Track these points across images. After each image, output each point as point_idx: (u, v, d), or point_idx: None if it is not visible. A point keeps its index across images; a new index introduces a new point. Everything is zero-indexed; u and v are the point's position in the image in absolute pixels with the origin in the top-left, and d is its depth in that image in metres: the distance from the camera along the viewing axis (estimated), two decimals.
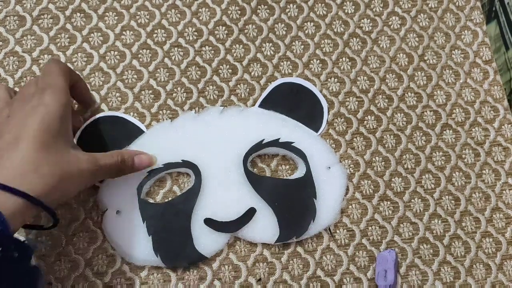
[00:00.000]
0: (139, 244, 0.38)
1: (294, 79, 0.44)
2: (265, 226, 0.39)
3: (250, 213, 0.39)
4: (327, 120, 0.43)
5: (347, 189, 0.42)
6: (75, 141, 0.39)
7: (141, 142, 0.40)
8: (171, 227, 0.38)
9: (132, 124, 0.41)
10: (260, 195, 0.39)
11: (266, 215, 0.39)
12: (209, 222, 0.38)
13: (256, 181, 0.39)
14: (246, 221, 0.39)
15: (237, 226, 0.39)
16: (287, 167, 0.42)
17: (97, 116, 0.41)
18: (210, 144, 0.40)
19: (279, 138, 0.41)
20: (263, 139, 0.40)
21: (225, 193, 0.39)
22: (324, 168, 0.41)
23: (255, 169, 0.41)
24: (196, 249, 0.38)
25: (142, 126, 0.41)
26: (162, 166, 0.39)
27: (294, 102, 0.43)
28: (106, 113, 0.42)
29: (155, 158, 0.39)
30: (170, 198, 0.40)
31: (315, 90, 0.44)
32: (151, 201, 0.40)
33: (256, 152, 0.40)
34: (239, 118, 0.41)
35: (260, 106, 0.43)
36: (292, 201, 0.40)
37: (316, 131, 0.43)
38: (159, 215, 0.39)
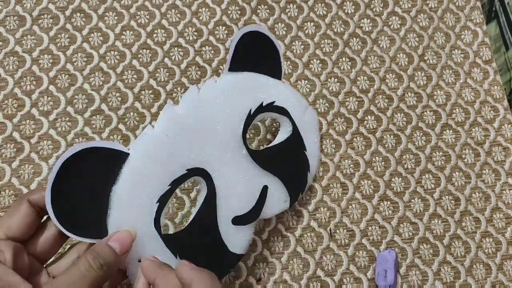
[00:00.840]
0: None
1: (251, 28, 0.39)
2: (278, 197, 0.38)
3: (264, 192, 0.37)
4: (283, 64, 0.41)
5: (347, 188, 0.42)
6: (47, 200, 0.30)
7: (131, 168, 0.31)
8: (202, 244, 0.35)
9: (107, 150, 0.31)
10: (266, 169, 0.37)
11: (275, 186, 0.38)
12: (236, 220, 0.36)
13: (259, 157, 0.37)
14: (263, 201, 0.37)
15: (259, 210, 0.36)
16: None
17: (59, 162, 0.30)
18: (204, 136, 0.35)
19: (262, 102, 0.38)
20: (250, 109, 0.37)
21: (238, 183, 0.36)
22: (301, 115, 0.40)
23: (252, 145, 0.41)
24: (233, 252, 0.36)
25: (120, 147, 0.32)
26: (169, 187, 0.33)
27: (256, 53, 0.40)
28: (69, 151, 0.31)
29: (132, 229, 0.30)
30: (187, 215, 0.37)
31: (269, 34, 0.40)
32: (172, 228, 0.39)
33: (249, 126, 0.38)
34: (217, 96, 0.36)
35: (230, 67, 0.38)
36: (291, 162, 0.39)
37: (279, 78, 0.40)
38: (186, 240, 0.34)
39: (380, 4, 0.48)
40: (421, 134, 0.44)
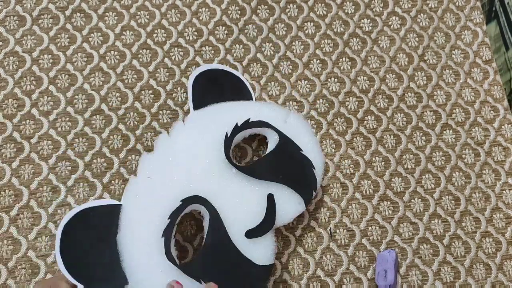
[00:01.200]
0: None
1: (204, 67, 0.42)
2: (289, 201, 0.38)
3: (271, 199, 0.38)
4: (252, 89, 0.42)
5: (347, 188, 0.42)
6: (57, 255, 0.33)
7: (127, 217, 0.35)
8: (225, 264, 0.35)
9: (101, 207, 0.35)
10: (264, 179, 0.38)
11: (282, 191, 0.38)
12: (250, 233, 0.36)
13: (252, 171, 0.38)
14: (274, 209, 0.37)
15: (271, 219, 0.37)
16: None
17: (60, 230, 0.33)
18: (187, 169, 0.37)
19: (236, 123, 0.39)
20: (226, 132, 0.38)
21: (239, 200, 0.37)
22: (283, 122, 0.40)
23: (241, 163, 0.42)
24: (260, 265, 0.36)
25: (112, 202, 0.35)
26: (169, 220, 0.35)
27: (217, 87, 0.41)
28: (65, 217, 0.33)
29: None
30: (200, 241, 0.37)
31: (222, 67, 0.43)
32: (191, 251, 0.39)
33: (230, 148, 0.39)
34: (189, 133, 0.39)
35: (195, 107, 0.40)
36: (289, 165, 0.39)
37: (251, 99, 0.42)
38: (205, 264, 0.35)
39: (380, 4, 0.48)
40: (421, 134, 0.44)
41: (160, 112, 0.43)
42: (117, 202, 0.35)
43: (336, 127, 0.44)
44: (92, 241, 0.34)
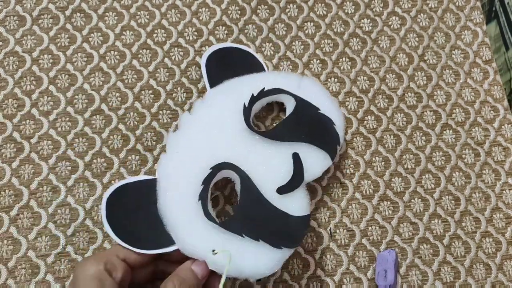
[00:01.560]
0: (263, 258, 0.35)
1: (216, 46, 0.43)
2: (315, 157, 0.39)
3: (297, 158, 0.38)
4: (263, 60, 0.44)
5: (347, 188, 0.42)
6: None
7: (162, 188, 0.36)
8: (263, 219, 0.36)
9: (139, 183, 0.37)
10: (287, 140, 0.39)
11: (306, 149, 0.39)
12: (282, 190, 0.37)
13: (275, 134, 0.39)
14: (301, 165, 0.38)
15: (300, 175, 0.37)
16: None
17: (104, 201, 0.36)
18: (212, 141, 0.38)
19: (252, 94, 0.40)
20: (243, 103, 0.39)
21: (266, 163, 0.38)
22: (297, 86, 0.41)
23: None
24: (297, 216, 0.36)
25: (146, 177, 0.38)
26: (202, 186, 0.36)
27: (230, 65, 0.43)
28: (107, 191, 0.36)
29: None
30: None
31: (231, 44, 0.44)
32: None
33: (250, 117, 0.40)
34: (208, 109, 0.40)
35: (211, 86, 0.41)
36: (309, 124, 0.40)
37: (263, 70, 0.43)
38: (245, 221, 0.35)
39: (380, 4, 0.48)
40: (421, 134, 0.44)
41: (160, 112, 0.43)
42: (151, 177, 0.37)
43: None
44: (134, 211, 0.36)
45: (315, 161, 0.39)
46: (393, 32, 0.48)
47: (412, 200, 0.42)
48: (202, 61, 0.42)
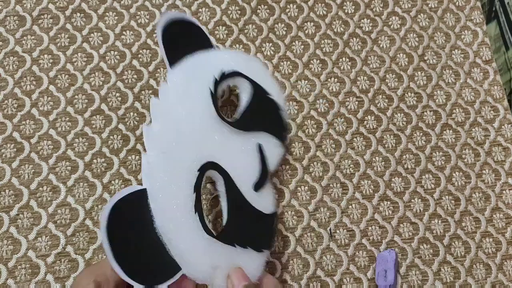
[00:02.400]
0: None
1: (164, 19, 0.39)
2: (272, 146, 0.37)
3: (261, 149, 0.37)
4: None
5: (347, 188, 0.42)
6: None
7: (154, 199, 0.32)
8: (248, 222, 0.34)
9: (128, 196, 0.32)
10: (251, 130, 0.37)
11: (264, 138, 0.37)
12: (257, 185, 0.35)
13: (241, 124, 0.37)
14: (264, 156, 0.36)
15: (267, 167, 0.36)
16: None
17: (103, 228, 0.30)
18: (191, 136, 0.35)
19: (215, 77, 0.37)
20: (209, 89, 0.37)
21: (240, 156, 0.36)
22: (247, 70, 0.39)
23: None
24: (269, 213, 0.35)
25: (136, 188, 0.32)
26: (195, 194, 0.33)
27: (183, 39, 0.40)
28: (106, 209, 0.31)
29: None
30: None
31: (185, 16, 0.41)
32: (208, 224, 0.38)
33: (218, 104, 0.38)
34: (175, 93, 0.37)
35: (170, 65, 0.38)
36: (264, 112, 0.38)
37: (211, 47, 0.41)
38: (239, 230, 0.34)
39: (380, 4, 0.48)
40: (421, 134, 0.44)
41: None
42: (140, 188, 0.32)
43: (336, 127, 0.44)
44: (133, 234, 0.31)
45: (273, 150, 0.37)
46: (393, 32, 0.48)
47: (412, 200, 0.42)
48: (158, 38, 0.38)
